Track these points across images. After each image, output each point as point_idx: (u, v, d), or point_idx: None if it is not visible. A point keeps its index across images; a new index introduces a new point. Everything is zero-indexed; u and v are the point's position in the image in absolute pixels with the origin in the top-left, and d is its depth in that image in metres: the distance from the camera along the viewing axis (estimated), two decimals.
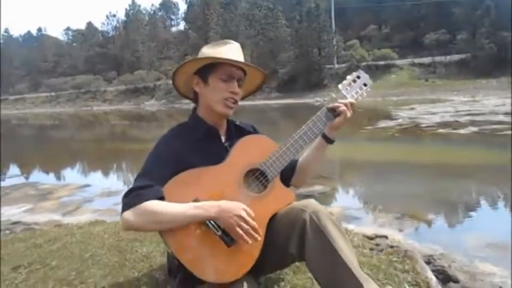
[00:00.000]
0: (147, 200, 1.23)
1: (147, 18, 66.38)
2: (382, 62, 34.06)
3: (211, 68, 1.39)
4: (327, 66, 34.84)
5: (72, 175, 8.66)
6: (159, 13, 73.35)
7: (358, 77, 1.54)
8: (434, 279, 1.81)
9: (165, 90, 45.07)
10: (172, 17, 76.83)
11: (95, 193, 6.82)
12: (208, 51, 1.42)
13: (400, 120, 14.10)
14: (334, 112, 1.44)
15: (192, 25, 44.82)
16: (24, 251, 2.15)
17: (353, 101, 1.47)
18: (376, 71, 33.86)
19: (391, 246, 2.57)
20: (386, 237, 3.16)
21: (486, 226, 4.54)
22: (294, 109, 25.70)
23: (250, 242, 1.24)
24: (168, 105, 40.74)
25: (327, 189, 5.41)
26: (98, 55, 61.10)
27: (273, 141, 1.45)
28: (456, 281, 2.62)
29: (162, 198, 1.26)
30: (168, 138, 1.41)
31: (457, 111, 15.67)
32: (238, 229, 1.22)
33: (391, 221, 4.53)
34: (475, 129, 10.86)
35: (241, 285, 1.27)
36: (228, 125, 1.50)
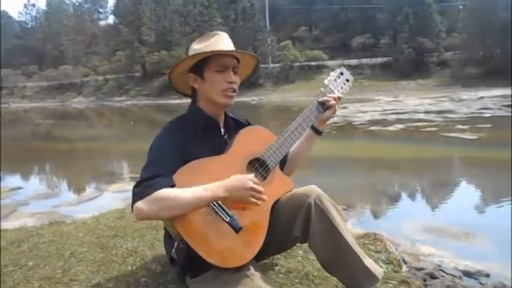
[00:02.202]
0: (159, 189, 1.26)
1: (71, 9, 62.24)
2: (313, 63, 35.50)
3: (204, 62, 1.43)
4: (262, 65, 35.48)
5: None
6: (85, 5, 69.10)
7: (342, 73, 1.67)
8: (400, 257, 2.02)
9: (94, 87, 42.62)
10: (100, 10, 72.84)
11: (29, 196, 6.39)
12: (198, 46, 1.46)
13: (334, 118, 14.87)
14: (324, 105, 1.57)
15: (123, 20, 42.82)
16: None
17: (340, 95, 1.61)
18: (308, 71, 35.23)
19: None
20: None
21: (420, 213, 5.06)
22: (231, 108, 25.82)
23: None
24: (97, 102, 38.68)
25: None
26: (16, 47, 55.98)
27: (271, 132, 1.54)
28: (404, 262, 2.92)
29: (173, 187, 1.29)
30: (171, 129, 1.44)
31: (384, 110, 16.90)
32: (252, 199, 1.31)
33: None
34: (401, 126, 11.85)
35: (248, 268, 1.35)
36: (226, 117, 1.56)
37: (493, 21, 29.94)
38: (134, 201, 1.28)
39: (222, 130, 1.53)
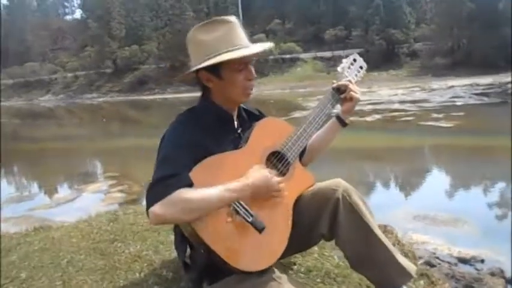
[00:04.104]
0: (178, 189, 1.15)
1: (35, 3, 59.82)
2: (287, 56, 35.53)
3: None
4: None
5: None
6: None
7: (355, 60, 1.60)
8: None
9: (63, 84, 41.23)
10: (66, 4, 70.35)
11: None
12: (207, 37, 1.30)
13: (311, 110, 14.99)
14: (339, 91, 1.49)
15: (91, 14, 41.49)
16: None
17: (353, 81, 1.52)
18: (282, 64, 35.29)
19: None
20: None
21: (408, 201, 5.13)
22: None
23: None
24: (67, 100, 37.44)
25: None
26: None
27: (287, 123, 1.45)
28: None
29: (191, 186, 1.18)
30: (183, 123, 1.33)
31: (360, 101, 17.11)
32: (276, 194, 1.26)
33: None
34: (378, 116, 12.02)
35: (273, 271, 1.26)
36: (239, 110, 1.46)
37: (460, 12, 30.79)
38: (150, 204, 1.16)
39: (236, 123, 1.42)
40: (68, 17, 66.38)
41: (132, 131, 14.97)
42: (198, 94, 1.40)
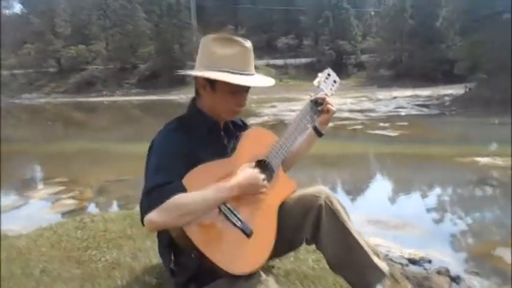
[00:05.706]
0: (173, 195, 1.19)
1: None
2: None
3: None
4: (189, 63, 34.84)
5: None
6: None
7: (329, 75, 1.70)
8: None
9: None
10: None
11: None
12: (219, 51, 1.34)
13: (265, 117, 15.21)
14: (316, 104, 1.59)
15: (33, 10, 39.12)
16: None
17: (329, 95, 1.63)
18: None
19: None
20: None
21: (354, 206, 5.39)
22: (158, 106, 24.97)
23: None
24: (4, 100, 34.86)
25: None
26: None
27: (271, 132, 1.53)
28: None
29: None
30: (174, 132, 1.36)
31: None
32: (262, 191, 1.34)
33: None
34: (330, 124, 12.42)
35: (260, 274, 1.33)
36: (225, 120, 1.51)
37: (402, 28, 32.78)
38: (145, 212, 1.20)
39: (222, 133, 1.48)
40: (7, 11, 61.96)
41: (78, 134, 14.29)
42: (151, 97, 1.42)
